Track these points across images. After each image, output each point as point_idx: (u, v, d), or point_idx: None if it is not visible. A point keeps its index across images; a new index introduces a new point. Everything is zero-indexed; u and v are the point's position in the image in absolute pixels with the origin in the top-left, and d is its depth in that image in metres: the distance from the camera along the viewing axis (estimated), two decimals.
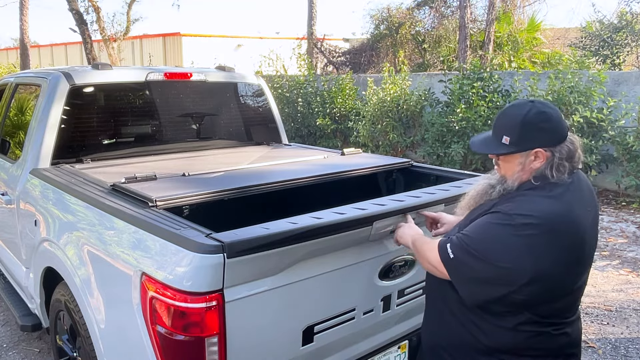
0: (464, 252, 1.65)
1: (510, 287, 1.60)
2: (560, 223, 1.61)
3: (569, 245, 1.63)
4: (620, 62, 11.37)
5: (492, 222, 1.66)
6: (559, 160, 1.68)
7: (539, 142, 1.68)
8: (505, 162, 1.76)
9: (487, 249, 1.62)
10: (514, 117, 1.72)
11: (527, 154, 1.70)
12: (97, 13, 16.20)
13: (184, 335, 1.71)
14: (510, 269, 1.59)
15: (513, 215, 1.62)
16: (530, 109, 1.70)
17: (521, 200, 1.66)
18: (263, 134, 3.99)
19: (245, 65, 11.25)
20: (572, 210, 1.65)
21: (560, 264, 1.62)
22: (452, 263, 1.69)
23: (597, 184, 7.31)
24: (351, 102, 9.75)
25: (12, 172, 3.21)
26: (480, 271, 1.63)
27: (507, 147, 1.72)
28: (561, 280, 1.65)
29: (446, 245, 1.71)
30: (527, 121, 1.68)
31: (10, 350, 3.43)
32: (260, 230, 1.80)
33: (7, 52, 30.26)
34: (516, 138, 1.69)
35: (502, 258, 1.59)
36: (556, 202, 1.64)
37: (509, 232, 1.60)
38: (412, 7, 15.29)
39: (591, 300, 4.17)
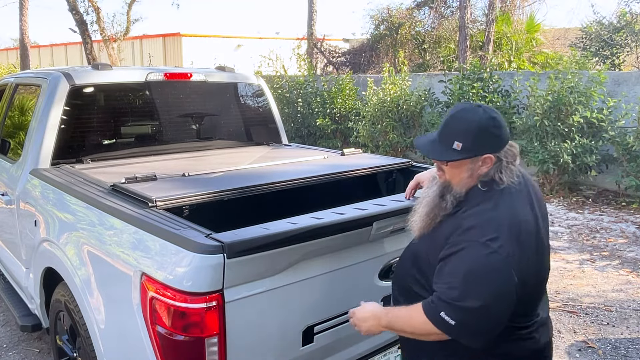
0: (462, 310, 1.53)
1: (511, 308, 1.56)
2: (522, 228, 1.60)
3: (531, 243, 1.63)
4: (620, 63, 11.38)
5: (473, 260, 1.55)
6: (506, 164, 1.67)
7: (489, 148, 1.65)
8: (453, 168, 1.70)
9: (482, 291, 1.52)
10: (467, 122, 1.66)
11: (476, 160, 1.66)
12: (97, 13, 16.20)
13: (184, 336, 1.71)
14: (508, 293, 1.54)
15: (486, 242, 1.54)
16: (482, 115, 1.65)
17: (482, 220, 1.60)
18: (263, 134, 3.99)
19: (245, 66, 11.25)
20: (525, 210, 1.66)
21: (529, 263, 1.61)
22: (457, 329, 1.55)
23: (597, 184, 7.32)
24: (351, 103, 9.75)
25: (12, 172, 3.21)
26: (488, 314, 1.54)
27: (458, 153, 1.64)
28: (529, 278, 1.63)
29: (440, 315, 1.56)
30: (481, 127, 1.64)
31: (10, 350, 3.43)
32: (260, 231, 1.80)
33: (7, 52, 30.25)
34: (469, 144, 1.63)
35: (499, 289, 1.53)
36: (511, 209, 1.62)
37: (493, 260, 1.52)
38: (412, 7, 15.30)
39: (591, 300, 4.17)
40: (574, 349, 3.47)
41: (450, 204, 1.70)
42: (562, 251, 5.30)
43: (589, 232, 5.83)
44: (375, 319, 1.77)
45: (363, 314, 1.81)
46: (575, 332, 3.68)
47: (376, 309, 1.80)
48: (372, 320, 1.78)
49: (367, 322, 1.79)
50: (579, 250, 5.32)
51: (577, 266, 4.89)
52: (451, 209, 1.69)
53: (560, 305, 4.08)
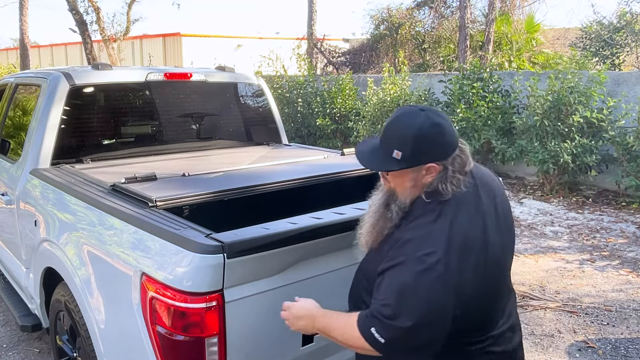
0: (393, 329, 1.46)
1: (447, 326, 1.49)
2: (466, 242, 1.50)
3: (478, 257, 1.53)
4: (620, 63, 11.38)
5: (402, 275, 1.48)
6: (451, 174, 1.56)
7: (432, 157, 1.54)
8: (396, 178, 1.61)
9: (413, 309, 1.45)
10: (406, 129, 1.54)
11: (420, 169, 1.56)
12: (97, 13, 16.19)
13: (184, 336, 1.71)
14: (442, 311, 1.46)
15: (422, 257, 1.46)
16: (423, 121, 1.54)
17: (420, 233, 1.52)
18: (263, 134, 3.99)
19: (245, 66, 11.25)
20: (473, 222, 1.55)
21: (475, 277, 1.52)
22: (387, 347, 1.49)
23: (597, 184, 7.32)
24: (351, 102, 9.75)
25: (12, 172, 3.21)
26: (419, 334, 1.47)
27: (398, 162, 1.54)
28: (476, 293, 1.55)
29: (370, 331, 1.49)
30: (422, 135, 1.52)
31: (10, 350, 3.43)
32: (260, 231, 1.81)
33: (7, 52, 30.25)
34: (409, 153, 1.53)
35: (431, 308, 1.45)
36: (454, 222, 1.51)
37: (425, 278, 1.44)
38: (412, 7, 15.30)
39: (591, 300, 4.17)
40: (574, 349, 3.47)
41: (395, 214, 1.60)
42: (562, 251, 5.30)
43: (589, 232, 5.83)
44: (310, 319, 1.69)
45: (298, 311, 1.71)
46: (575, 332, 3.68)
47: (313, 309, 1.70)
48: (307, 320, 1.69)
49: (301, 321, 1.70)
50: (579, 250, 5.32)
51: (577, 266, 4.89)
52: (397, 220, 1.60)
53: (560, 305, 4.08)
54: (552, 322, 3.83)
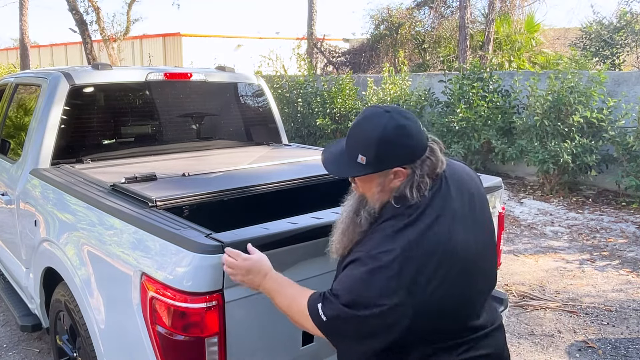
0: (336, 310, 1.45)
1: (395, 332, 1.43)
2: (425, 249, 1.44)
3: (441, 267, 1.46)
4: (620, 62, 11.38)
5: (357, 270, 1.46)
6: (419, 178, 1.50)
7: (398, 160, 1.49)
8: (363, 182, 1.56)
9: (359, 300, 1.42)
10: (369, 132, 1.49)
11: (387, 173, 1.50)
12: (97, 13, 16.20)
13: (184, 336, 1.71)
14: (389, 315, 1.41)
15: (377, 255, 1.43)
16: (387, 123, 1.48)
17: (380, 237, 1.48)
18: (263, 134, 3.99)
19: (245, 66, 11.25)
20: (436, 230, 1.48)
21: (439, 288, 1.45)
22: (328, 325, 1.48)
23: (597, 184, 7.32)
24: (351, 102, 9.75)
25: (12, 172, 3.21)
26: (358, 326, 1.44)
27: (363, 167, 1.49)
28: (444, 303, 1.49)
29: (317, 306, 1.48)
30: (385, 138, 1.47)
31: (10, 350, 3.43)
32: (260, 231, 1.81)
33: (7, 52, 30.26)
34: (373, 157, 1.47)
35: (376, 305, 1.40)
36: (417, 229, 1.46)
37: (378, 275, 1.41)
38: (412, 7, 15.30)
39: (591, 300, 4.17)
40: (574, 349, 3.47)
41: (364, 220, 1.56)
42: (562, 251, 5.30)
43: (589, 232, 5.83)
44: (260, 277, 1.62)
45: (253, 266, 1.61)
46: (575, 332, 3.68)
47: (267, 268, 1.63)
48: (257, 277, 1.62)
49: (249, 275, 1.61)
50: (579, 250, 5.32)
51: (577, 266, 4.89)
52: (366, 225, 1.55)
53: (560, 305, 4.08)
54: (552, 322, 3.83)
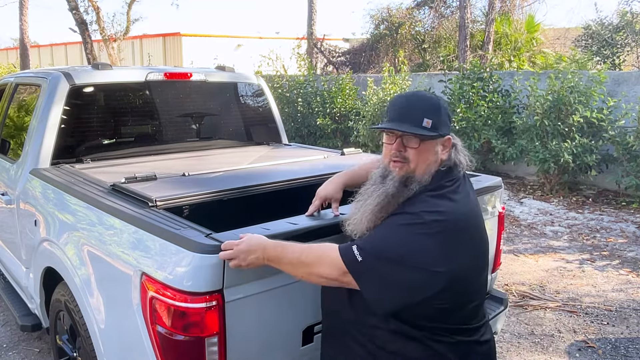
0: (374, 255, 1.48)
1: (428, 292, 1.47)
2: (466, 219, 1.55)
3: (475, 241, 1.57)
4: (620, 62, 11.38)
5: (400, 224, 1.51)
6: (462, 148, 1.67)
7: (449, 129, 1.64)
8: (421, 152, 1.58)
9: (399, 250, 1.47)
10: (432, 100, 1.63)
11: (442, 141, 1.62)
12: (97, 13, 16.20)
13: (184, 335, 1.71)
14: (426, 271, 1.45)
15: (420, 213, 1.49)
16: (437, 97, 1.66)
17: (425, 201, 1.54)
18: (263, 134, 3.99)
19: (245, 65, 11.25)
20: (472, 205, 1.62)
21: (471, 261, 1.55)
22: (361, 267, 1.49)
23: (597, 184, 7.32)
24: (351, 102, 9.75)
25: (12, 172, 3.21)
26: (393, 275, 1.47)
27: (429, 130, 1.56)
28: (473, 279, 1.58)
29: (352, 248, 1.51)
30: (443, 106, 1.63)
31: (10, 350, 3.43)
32: (260, 231, 1.80)
33: (7, 52, 30.26)
34: (438, 121, 1.57)
35: (416, 260, 1.45)
36: (459, 199, 1.57)
37: (419, 230, 1.47)
38: (412, 7, 15.30)
39: (591, 300, 4.17)
40: (574, 348, 3.47)
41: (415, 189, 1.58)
42: (562, 251, 5.30)
43: (589, 231, 5.83)
44: (261, 251, 1.62)
45: (249, 246, 1.61)
46: (575, 332, 3.68)
47: (263, 240, 1.65)
48: (259, 252, 1.62)
49: (252, 255, 1.61)
50: (579, 250, 5.32)
51: (577, 266, 4.89)
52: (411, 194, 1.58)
53: (560, 305, 4.08)
54: (552, 322, 3.83)
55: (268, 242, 1.65)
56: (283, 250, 1.63)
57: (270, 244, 1.65)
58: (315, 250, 1.60)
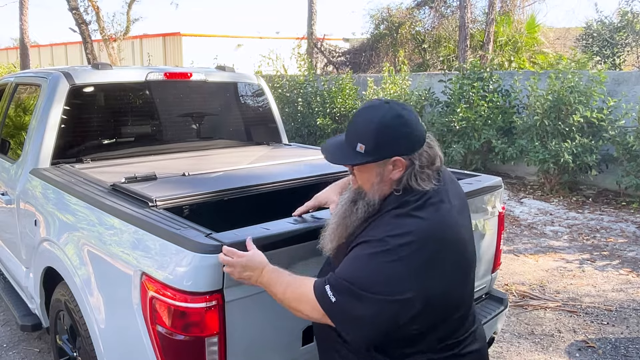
0: (345, 293, 1.44)
1: (404, 319, 1.44)
2: (438, 234, 1.46)
3: (452, 254, 1.50)
4: (621, 62, 11.38)
5: (366, 253, 1.46)
6: (419, 169, 1.51)
7: (396, 150, 1.49)
8: (362, 173, 1.56)
9: (368, 284, 1.42)
10: (368, 122, 1.51)
11: (385, 163, 1.51)
12: (96, 13, 16.19)
13: (184, 335, 1.71)
14: (398, 301, 1.41)
15: (385, 239, 1.43)
16: (386, 113, 1.50)
17: (389, 223, 1.48)
18: (263, 134, 3.99)
19: (245, 65, 11.25)
20: (444, 218, 1.51)
21: (450, 275, 1.49)
22: (335, 308, 1.46)
23: (597, 184, 7.32)
24: (351, 102, 9.75)
25: (12, 172, 3.21)
26: (366, 311, 1.43)
27: (362, 156, 1.50)
28: (453, 292, 1.53)
29: (325, 288, 1.47)
30: (384, 126, 1.48)
31: (10, 350, 3.43)
32: (260, 231, 1.81)
33: (7, 52, 30.25)
34: (372, 145, 1.48)
35: (387, 290, 1.40)
36: (426, 215, 1.48)
37: (385, 258, 1.42)
38: (412, 7, 15.30)
39: (591, 300, 4.17)
40: (574, 348, 3.47)
41: (361, 210, 1.55)
42: (562, 251, 5.30)
43: (589, 231, 5.83)
44: (258, 273, 1.62)
45: (249, 263, 1.61)
46: (575, 332, 3.68)
47: (264, 263, 1.63)
48: (255, 273, 1.62)
49: (248, 272, 1.62)
50: (579, 249, 5.32)
51: (577, 266, 4.89)
52: (362, 215, 1.55)
53: (560, 305, 4.08)
54: (552, 322, 3.83)
55: (267, 267, 1.63)
56: (275, 280, 1.61)
57: (268, 270, 1.62)
58: (297, 288, 1.56)
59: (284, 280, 1.61)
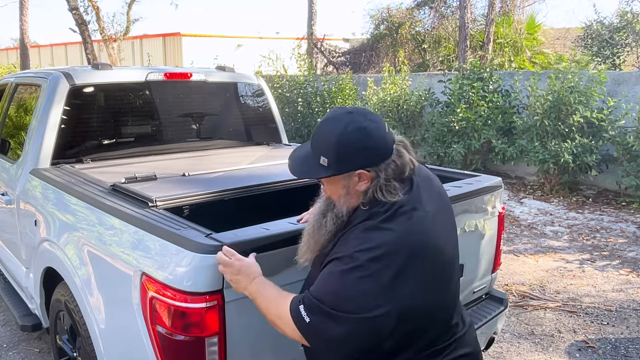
0: (318, 313, 1.42)
1: (379, 336, 1.41)
2: (407, 247, 1.42)
3: (424, 265, 1.45)
4: (621, 62, 11.38)
5: (336, 271, 1.43)
6: (384, 182, 1.46)
7: (359, 163, 1.46)
8: (329, 184, 1.54)
9: (339, 301, 1.39)
10: (329, 135, 1.47)
11: (350, 176, 1.48)
12: (96, 13, 16.19)
13: (184, 335, 1.71)
14: (369, 319, 1.38)
15: (354, 255, 1.40)
16: (347, 125, 1.46)
17: (358, 237, 1.45)
18: (263, 134, 3.99)
19: (245, 65, 11.25)
20: (416, 227, 1.46)
21: (427, 285, 1.45)
22: (310, 329, 1.44)
23: (597, 184, 7.32)
24: (351, 102, 9.75)
25: (12, 172, 3.21)
26: (339, 330, 1.40)
27: (325, 169, 1.48)
28: (433, 300, 1.49)
29: (299, 309, 1.45)
30: (344, 140, 1.45)
31: (10, 350, 3.43)
32: (260, 231, 1.81)
33: (7, 52, 30.26)
34: (334, 160, 1.46)
35: (358, 308, 1.38)
36: (396, 226, 1.43)
37: (355, 275, 1.38)
38: (412, 7, 15.30)
39: (591, 300, 4.17)
40: (574, 348, 3.47)
41: (330, 222, 1.53)
42: (562, 251, 5.30)
43: (589, 232, 5.83)
44: (248, 280, 1.60)
45: (244, 268, 1.60)
46: (575, 332, 3.68)
47: (257, 273, 1.62)
48: (245, 280, 1.60)
49: (239, 276, 1.60)
50: (579, 250, 5.32)
51: (577, 266, 4.89)
52: (332, 228, 1.53)
53: (560, 305, 4.08)
54: (552, 322, 3.83)
55: (258, 278, 1.61)
56: (260, 292, 1.60)
57: (257, 281, 1.60)
58: (278, 306, 1.54)
59: (269, 294, 1.58)
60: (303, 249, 1.62)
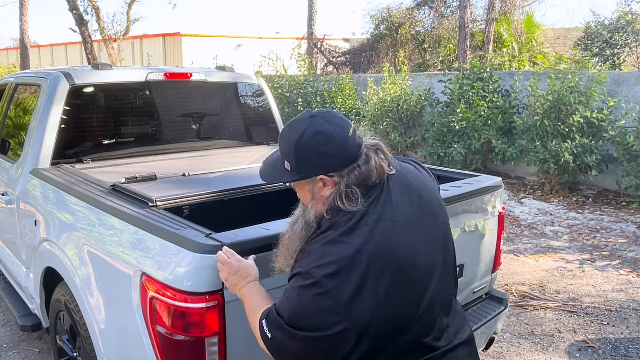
0: (279, 328, 1.40)
1: (341, 351, 1.36)
2: (367, 260, 1.35)
3: (389, 277, 1.37)
4: (621, 62, 11.38)
5: (296, 287, 1.39)
6: (346, 188, 1.41)
7: (319, 168, 1.42)
8: (298, 189, 1.53)
9: (295, 319, 1.37)
10: (290, 139, 1.45)
11: (314, 181, 1.45)
12: (96, 13, 16.19)
13: (184, 335, 1.71)
14: (327, 337, 1.34)
15: (311, 271, 1.36)
16: (306, 129, 1.42)
17: (317, 251, 1.41)
18: (263, 134, 3.99)
19: (245, 65, 11.25)
20: (379, 239, 1.39)
21: (389, 300, 1.37)
22: (272, 345, 1.44)
23: (597, 184, 7.32)
24: (351, 102, 9.75)
25: (12, 172, 3.21)
26: (298, 347, 1.38)
27: (289, 173, 1.47)
28: (402, 311, 1.42)
29: (263, 323, 1.45)
30: (301, 144, 1.42)
31: (10, 350, 3.43)
32: (260, 231, 1.81)
33: (7, 52, 30.26)
34: (295, 165, 1.44)
35: (314, 326, 1.34)
36: (355, 239, 1.37)
37: (311, 292, 1.35)
38: (412, 7, 15.31)
39: (591, 300, 4.17)
40: (574, 348, 3.47)
41: (300, 228, 1.51)
42: (562, 251, 5.30)
43: (589, 231, 5.83)
44: (242, 281, 1.58)
45: (241, 270, 1.58)
46: (575, 332, 3.68)
47: (253, 276, 1.60)
48: (239, 281, 1.58)
49: (234, 277, 1.59)
50: (579, 250, 5.32)
51: (577, 266, 4.89)
52: (303, 235, 1.51)
53: (560, 305, 4.08)
54: (552, 322, 3.83)
55: (251, 283, 1.59)
56: (247, 296, 1.58)
57: (249, 285, 1.59)
58: (254, 315, 1.52)
59: (253, 301, 1.56)
60: (275, 257, 1.60)
